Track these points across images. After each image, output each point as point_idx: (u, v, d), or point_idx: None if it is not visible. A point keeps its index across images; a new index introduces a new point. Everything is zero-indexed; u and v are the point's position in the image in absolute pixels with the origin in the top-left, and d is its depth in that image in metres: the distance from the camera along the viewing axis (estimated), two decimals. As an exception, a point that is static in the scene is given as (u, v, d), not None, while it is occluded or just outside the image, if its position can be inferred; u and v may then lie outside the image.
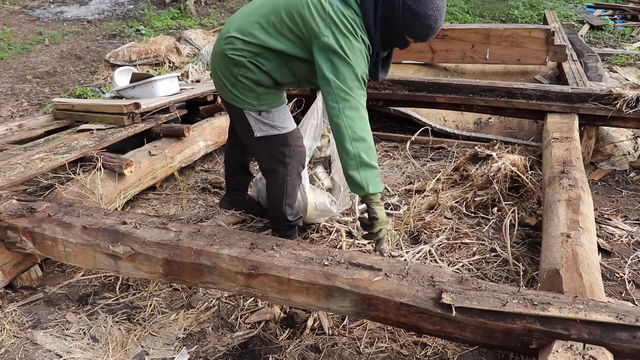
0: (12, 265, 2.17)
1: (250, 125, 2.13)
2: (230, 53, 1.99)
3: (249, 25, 1.97)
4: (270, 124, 2.13)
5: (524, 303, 1.40)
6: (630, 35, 7.88)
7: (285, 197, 2.32)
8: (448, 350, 1.80)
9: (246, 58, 1.98)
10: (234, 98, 2.09)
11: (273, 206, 2.38)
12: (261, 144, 2.18)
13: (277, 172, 2.24)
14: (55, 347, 1.87)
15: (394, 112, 4.06)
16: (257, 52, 1.97)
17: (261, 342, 1.89)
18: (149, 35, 7.43)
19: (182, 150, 3.22)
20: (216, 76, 2.15)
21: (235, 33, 1.99)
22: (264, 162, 2.26)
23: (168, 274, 1.82)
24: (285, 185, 2.27)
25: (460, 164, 3.03)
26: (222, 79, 2.10)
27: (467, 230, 2.54)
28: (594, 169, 3.34)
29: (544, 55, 4.58)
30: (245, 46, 1.97)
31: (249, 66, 1.99)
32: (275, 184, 2.29)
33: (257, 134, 2.14)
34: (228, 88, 2.09)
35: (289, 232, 2.45)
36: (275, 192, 2.32)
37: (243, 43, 1.97)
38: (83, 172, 2.66)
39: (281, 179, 2.25)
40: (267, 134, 2.14)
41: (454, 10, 9.96)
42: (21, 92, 5.72)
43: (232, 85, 2.06)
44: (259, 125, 2.13)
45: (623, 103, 3.01)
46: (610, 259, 2.33)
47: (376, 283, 1.53)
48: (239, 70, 2.01)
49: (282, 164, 2.20)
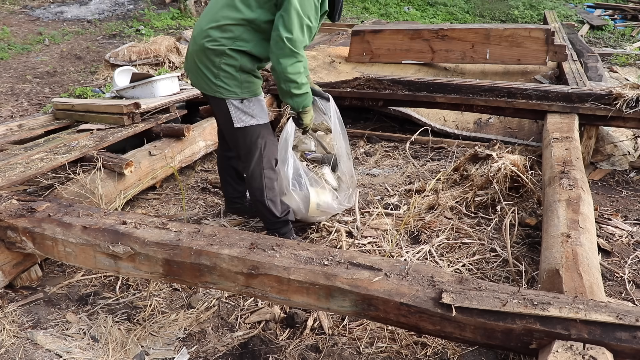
0: (12, 265, 2.17)
1: (231, 116, 2.26)
2: (210, 45, 2.15)
3: (218, 14, 2.15)
4: (250, 113, 2.28)
5: (524, 303, 1.40)
6: (630, 35, 7.88)
7: (265, 191, 2.41)
8: (448, 350, 1.81)
9: (226, 46, 2.14)
10: (216, 89, 2.22)
11: (257, 204, 2.47)
12: (240, 136, 2.31)
13: (253, 166, 2.36)
14: (55, 347, 1.87)
15: (394, 112, 4.06)
16: (234, 36, 2.14)
17: (261, 342, 1.89)
18: (149, 35, 7.44)
19: (182, 150, 3.22)
20: (197, 72, 2.26)
21: (210, 25, 2.15)
22: (242, 154, 2.38)
23: (168, 274, 1.82)
24: (262, 179, 2.39)
25: (460, 164, 3.03)
26: (204, 73, 2.22)
27: (467, 230, 2.54)
28: (594, 169, 3.34)
29: (544, 55, 4.59)
30: (223, 34, 2.14)
31: (230, 53, 2.15)
32: (253, 180, 2.40)
33: (237, 125, 2.27)
34: (211, 80, 2.21)
35: (283, 229, 2.48)
36: (255, 188, 2.42)
37: (220, 31, 2.14)
38: (83, 172, 2.66)
39: (258, 173, 2.37)
40: (247, 124, 2.28)
41: (454, 10, 9.97)
42: (21, 92, 5.72)
43: (214, 77, 2.20)
44: (239, 115, 2.26)
45: (623, 103, 3.01)
46: (610, 259, 2.33)
47: (376, 283, 1.53)
48: (220, 59, 2.16)
49: (259, 156, 2.34)
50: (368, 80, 3.73)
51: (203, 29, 2.18)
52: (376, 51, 5.06)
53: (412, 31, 4.93)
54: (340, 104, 3.88)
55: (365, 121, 4.41)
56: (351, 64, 5.11)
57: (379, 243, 2.47)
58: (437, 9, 10.07)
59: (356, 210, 2.70)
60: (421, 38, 4.90)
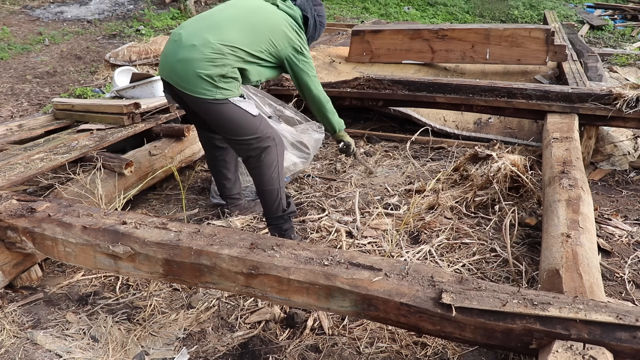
0: (12, 265, 2.17)
1: (244, 109, 2.30)
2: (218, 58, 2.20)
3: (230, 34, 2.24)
4: (254, 105, 2.39)
5: (524, 303, 1.40)
6: (630, 35, 7.88)
7: (279, 180, 2.43)
8: (448, 350, 1.81)
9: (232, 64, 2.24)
10: (218, 92, 2.24)
11: (267, 193, 2.45)
12: (259, 124, 2.36)
13: (269, 154, 2.39)
14: (55, 347, 1.88)
15: (394, 112, 4.06)
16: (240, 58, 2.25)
17: (261, 342, 1.89)
18: (149, 35, 7.44)
19: (182, 150, 3.23)
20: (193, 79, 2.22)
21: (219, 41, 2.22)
22: (256, 145, 2.37)
23: (168, 274, 1.82)
24: (278, 167, 2.42)
25: (460, 164, 3.03)
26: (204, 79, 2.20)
27: (467, 230, 2.54)
28: (594, 169, 3.34)
29: (544, 55, 4.59)
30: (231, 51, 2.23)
31: (233, 70, 2.25)
32: (269, 169, 2.41)
33: (255, 113, 2.35)
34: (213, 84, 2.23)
35: (285, 225, 2.47)
36: (270, 176, 2.41)
37: (229, 49, 2.22)
38: (83, 172, 2.66)
39: (274, 159, 2.41)
40: (258, 112, 2.38)
41: (454, 10, 9.97)
42: (21, 92, 5.72)
43: (217, 81, 2.23)
44: (250, 109, 2.33)
45: (623, 103, 3.01)
46: (610, 259, 2.33)
47: (376, 283, 1.53)
48: (227, 69, 2.23)
49: (273, 143, 2.40)
50: (368, 80, 3.73)
51: (210, 41, 2.20)
52: (376, 51, 5.06)
53: (412, 31, 4.92)
54: (340, 104, 3.91)
55: (365, 121, 4.41)
56: (351, 64, 5.11)
57: (379, 243, 2.47)
58: (437, 9, 10.07)
59: (356, 210, 2.70)
60: (421, 38, 4.90)
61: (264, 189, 2.44)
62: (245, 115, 2.30)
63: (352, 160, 3.40)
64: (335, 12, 9.79)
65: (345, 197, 2.99)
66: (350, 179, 3.22)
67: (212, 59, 2.19)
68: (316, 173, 3.35)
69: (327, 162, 3.57)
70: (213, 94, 2.23)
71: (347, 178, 3.25)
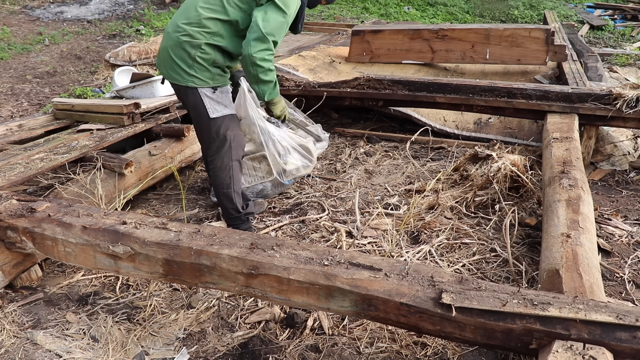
0: (12, 265, 2.17)
1: (205, 107, 2.34)
2: (186, 38, 2.25)
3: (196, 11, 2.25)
4: (223, 103, 2.39)
5: (524, 303, 1.40)
6: (630, 35, 7.88)
7: (232, 183, 2.49)
8: (448, 350, 1.81)
9: (202, 40, 2.24)
10: (189, 79, 2.30)
11: (222, 196, 2.53)
12: (213, 126, 2.39)
13: (224, 156, 2.44)
14: (55, 347, 1.87)
15: (394, 112, 4.06)
16: (211, 32, 2.24)
17: (261, 342, 1.89)
18: (149, 35, 7.43)
19: (182, 150, 3.23)
20: (170, 64, 2.32)
21: (186, 21, 2.25)
22: (214, 145, 2.44)
23: (168, 274, 1.82)
24: (231, 170, 2.47)
25: (460, 164, 3.03)
26: (177, 64, 2.29)
27: (467, 230, 2.54)
28: (594, 169, 3.34)
29: (544, 55, 4.59)
30: (200, 29, 2.24)
31: (205, 48, 2.25)
32: (221, 171, 2.47)
33: (213, 115, 2.36)
34: (184, 70, 2.29)
35: (243, 226, 2.55)
36: (223, 179, 2.49)
37: (197, 26, 2.24)
38: (83, 172, 2.66)
39: (227, 163, 2.46)
40: (221, 114, 2.38)
41: (454, 10, 9.97)
42: (21, 92, 5.72)
43: (188, 67, 2.29)
44: (213, 106, 2.35)
45: (623, 103, 3.01)
46: (610, 259, 2.33)
47: (376, 283, 1.53)
48: (196, 51, 2.26)
49: (229, 147, 2.44)
50: (368, 80, 3.73)
51: (178, 25, 2.28)
52: (376, 51, 5.06)
53: (412, 31, 4.93)
54: (340, 104, 3.92)
55: (365, 121, 4.41)
56: (351, 64, 5.11)
57: (379, 243, 2.47)
58: (437, 9, 10.06)
59: (356, 210, 2.70)
60: (421, 38, 4.90)
61: (218, 191, 2.54)
62: (203, 112, 2.36)
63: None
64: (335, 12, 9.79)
65: (345, 197, 2.99)
66: (350, 179, 3.22)
67: (181, 42, 2.26)
68: (316, 173, 3.35)
69: (327, 162, 3.57)
70: (186, 81, 2.31)
71: (347, 178, 3.25)
